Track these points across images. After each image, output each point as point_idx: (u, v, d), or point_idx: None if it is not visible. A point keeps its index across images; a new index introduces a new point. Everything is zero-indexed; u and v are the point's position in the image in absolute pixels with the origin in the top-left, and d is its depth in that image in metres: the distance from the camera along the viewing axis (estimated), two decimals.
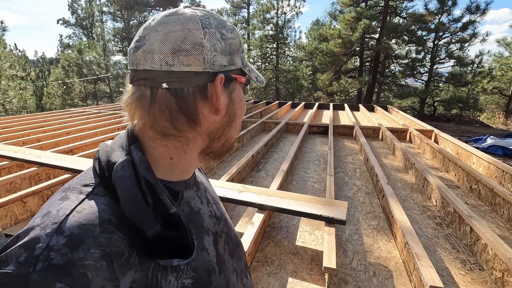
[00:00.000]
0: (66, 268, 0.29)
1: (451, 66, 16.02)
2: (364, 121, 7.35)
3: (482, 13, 13.94)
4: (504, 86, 18.98)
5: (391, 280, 1.62)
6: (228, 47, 0.43)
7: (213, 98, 0.41)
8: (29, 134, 4.49)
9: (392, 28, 14.49)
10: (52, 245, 0.30)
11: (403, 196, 2.81)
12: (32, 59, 29.41)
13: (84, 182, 0.39)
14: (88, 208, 0.35)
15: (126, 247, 0.34)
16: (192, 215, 0.47)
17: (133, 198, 0.36)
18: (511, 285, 1.49)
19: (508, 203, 2.35)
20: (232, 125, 0.47)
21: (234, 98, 0.45)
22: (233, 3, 23.96)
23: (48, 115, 6.50)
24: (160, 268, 0.37)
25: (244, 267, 0.57)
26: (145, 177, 0.38)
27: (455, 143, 4.22)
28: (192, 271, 0.42)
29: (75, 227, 0.32)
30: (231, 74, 0.44)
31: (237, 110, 0.47)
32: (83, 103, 19.77)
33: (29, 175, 2.66)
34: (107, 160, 0.40)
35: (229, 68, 0.43)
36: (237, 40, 0.45)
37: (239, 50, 0.45)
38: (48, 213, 0.34)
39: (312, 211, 1.87)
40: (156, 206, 0.37)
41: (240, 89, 0.47)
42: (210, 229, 0.50)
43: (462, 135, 11.54)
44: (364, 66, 18.08)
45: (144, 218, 0.35)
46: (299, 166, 3.62)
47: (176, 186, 0.46)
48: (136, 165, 0.39)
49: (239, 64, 0.45)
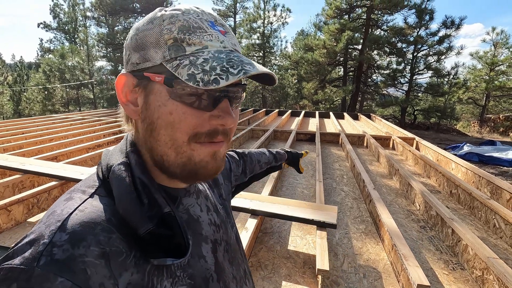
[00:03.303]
0: (67, 263, 0.30)
1: (429, 77, 16.85)
2: (349, 129, 7.56)
3: (457, 28, 14.84)
4: (478, 97, 20.10)
5: (380, 281, 1.69)
6: (140, 41, 0.38)
7: (118, 98, 0.41)
8: (9, 140, 4.33)
9: (374, 39, 15.11)
10: (55, 241, 0.31)
11: (388, 201, 2.92)
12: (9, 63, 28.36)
13: (88, 184, 0.41)
14: (90, 207, 0.36)
15: (124, 247, 0.35)
16: (190, 223, 0.46)
17: (127, 197, 0.36)
18: (490, 283, 1.59)
19: (485, 207, 2.49)
20: (153, 135, 0.39)
21: (150, 102, 0.38)
22: (219, 12, 24.21)
23: (29, 121, 6.28)
24: (156, 272, 0.37)
25: (243, 274, 0.56)
26: (140, 178, 0.39)
27: (435, 150, 4.43)
28: (189, 278, 0.41)
29: (77, 225, 0.33)
30: (144, 72, 0.38)
31: (155, 118, 0.38)
32: (64, 109, 19.19)
33: (12, 183, 2.57)
34: (106, 164, 0.42)
35: (142, 65, 0.39)
36: (155, 29, 0.38)
37: (158, 42, 0.37)
38: (53, 212, 0.35)
39: (304, 216, 1.93)
40: (151, 206, 0.37)
41: (163, 91, 0.37)
42: (209, 236, 0.49)
43: (440, 143, 12.06)
44: (348, 76, 18.66)
45: (137, 215, 0.35)
46: (288, 173, 3.69)
47: (174, 192, 0.46)
48: (132, 166, 0.40)
49: (159, 59, 0.37)
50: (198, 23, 0.38)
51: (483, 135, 16.17)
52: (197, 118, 0.38)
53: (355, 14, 16.85)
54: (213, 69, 0.34)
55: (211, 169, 0.41)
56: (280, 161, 1.07)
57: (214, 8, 24.03)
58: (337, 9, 15.99)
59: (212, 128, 0.39)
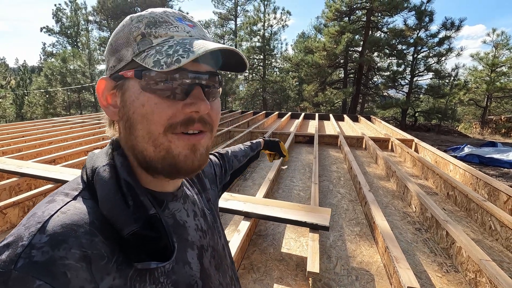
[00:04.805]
0: (47, 266, 0.29)
1: (429, 79, 16.84)
2: (349, 131, 7.55)
3: (457, 29, 14.84)
4: (479, 98, 20.02)
5: (372, 284, 1.68)
6: (114, 44, 0.41)
7: (99, 103, 0.43)
8: (9, 144, 4.36)
9: (374, 42, 15.14)
10: (34, 243, 0.30)
11: (384, 203, 2.91)
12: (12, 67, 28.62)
13: (71, 187, 0.40)
14: (73, 209, 0.35)
15: (106, 251, 0.34)
16: (176, 228, 0.46)
17: (112, 198, 0.36)
18: (483, 285, 1.58)
19: (481, 209, 2.48)
20: (132, 132, 0.40)
21: (126, 99, 0.40)
22: (220, 15, 24.35)
23: (29, 124, 6.33)
24: (138, 278, 0.36)
25: (230, 281, 0.56)
26: (126, 179, 0.38)
27: (434, 152, 4.42)
28: (172, 285, 0.40)
29: (58, 227, 0.32)
30: (119, 72, 0.40)
31: (131, 113, 0.39)
32: (66, 112, 19.31)
33: (9, 186, 2.59)
34: (91, 166, 0.41)
35: (118, 67, 0.40)
36: (125, 30, 0.40)
37: (128, 41, 0.39)
38: (34, 214, 0.34)
39: (297, 218, 1.92)
40: (136, 208, 0.36)
41: (136, 85, 0.38)
42: (195, 242, 0.48)
43: (441, 144, 12.01)
44: (348, 78, 18.68)
45: (122, 217, 0.35)
46: (285, 175, 3.68)
47: (160, 196, 0.45)
48: (118, 168, 0.39)
49: (130, 56, 0.39)
50: (164, 18, 0.40)
51: (484, 137, 16.09)
52: (170, 108, 0.38)
53: (355, 16, 16.91)
54: (176, 52, 0.35)
55: (191, 163, 0.40)
56: (257, 149, 1.08)
57: (215, 12, 24.21)
58: (337, 12, 16.04)
59: (186, 117, 0.39)
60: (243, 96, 23.04)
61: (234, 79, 21.12)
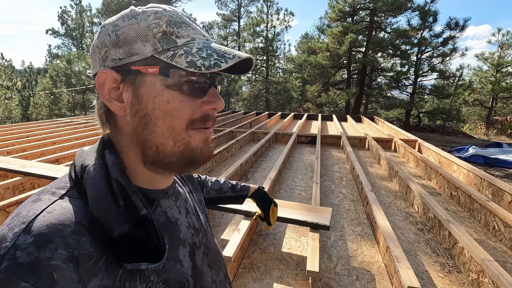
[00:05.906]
0: (32, 267, 0.28)
1: (434, 79, 16.74)
2: (351, 131, 7.52)
3: (461, 29, 14.72)
4: (484, 98, 19.83)
5: (373, 284, 1.67)
6: (122, 36, 0.39)
7: (102, 97, 0.41)
8: (13, 144, 4.41)
9: (377, 42, 15.08)
10: (18, 244, 0.29)
11: (387, 203, 2.89)
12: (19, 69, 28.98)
13: (59, 185, 0.39)
14: (59, 209, 0.34)
15: (95, 251, 0.33)
16: (167, 225, 0.45)
17: (102, 198, 0.35)
18: (486, 285, 1.56)
19: (485, 209, 2.45)
20: (148, 127, 0.39)
21: (142, 95, 0.39)
22: (224, 16, 24.43)
23: (34, 125, 6.40)
24: (128, 277, 0.36)
25: (223, 278, 0.56)
26: (117, 179, 0.38)
27: (437, 152, 4.38)
28: (163, 283, 0.40)
29: (44, 227, 0.31)
30: (131, 66, 0.39)
31: (150, 110, 0.39)
32: (71, 113, 19.50)
33: (13, 185, 2.61)
34: (80, 164, 0.40)
35: (129, 60, 0.39)
36: (140, 25, 0.38)
37: (146, 36, 0.38)
38: (18, 214, 0.33)
39: (297, 217, 1.92)
40: (127, 208, 0.36)
41: (157, 82, 0.38)
42: (187, 240, 0.48)
43: (446, 145, 11.91)
44: (352, 78, 18.61)
45: (112, 217, 0.34)
46: (287, 175, 3.68)
47: (152, 194, 0.45)
48: (109, 168, 0.39)
49: (149, 52, 0.38)
50: (181, 18, 0.41)
51: (490, 137, 15.92)
52: (192, 105, 0.40)
53: (358, 17, 16.87)
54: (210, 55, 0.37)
55: (206, 154, 0.43)
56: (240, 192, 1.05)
57: (218, 13, 24.31)
58: (340, 12, 16.01)
59: (204, 113, 0.41)
60: (246, 97, 23.08)
61: (237, 80, 21.15)
